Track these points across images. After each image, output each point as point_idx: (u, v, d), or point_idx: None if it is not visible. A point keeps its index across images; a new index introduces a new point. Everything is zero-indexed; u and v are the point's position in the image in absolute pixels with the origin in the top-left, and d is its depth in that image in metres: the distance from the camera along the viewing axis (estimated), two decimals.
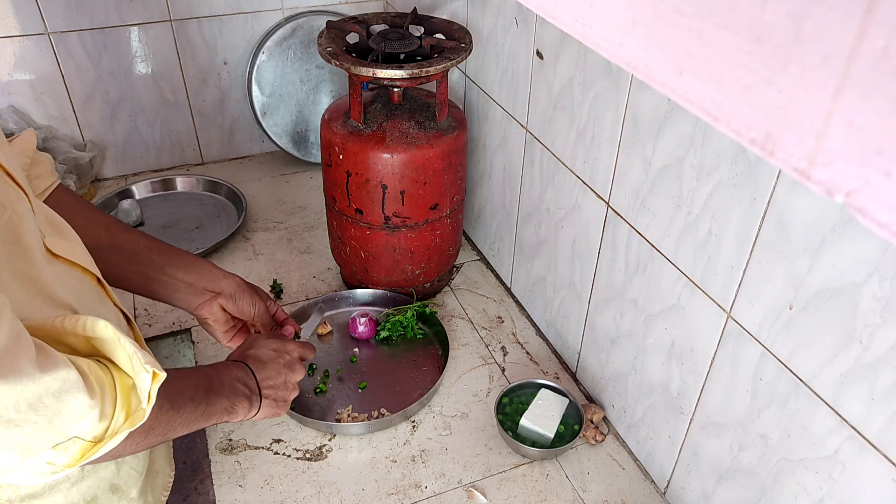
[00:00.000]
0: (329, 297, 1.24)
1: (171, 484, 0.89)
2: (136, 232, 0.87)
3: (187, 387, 0.71)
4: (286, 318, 0.99)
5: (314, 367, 1.13)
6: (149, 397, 0.59)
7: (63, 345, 0.57)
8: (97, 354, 0.59)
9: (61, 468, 0.55)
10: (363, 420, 1.04)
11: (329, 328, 1.21)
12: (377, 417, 1.04)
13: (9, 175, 0.60)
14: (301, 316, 1.18)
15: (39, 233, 0.62)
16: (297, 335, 1.00)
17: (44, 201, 0.79)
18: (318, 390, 1.09)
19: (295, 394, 0.88)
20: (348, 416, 1.04)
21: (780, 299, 0.68)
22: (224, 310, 0.90)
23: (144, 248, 0.85)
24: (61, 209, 0.78)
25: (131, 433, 0.60)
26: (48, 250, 0.64)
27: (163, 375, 0.59)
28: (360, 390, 1.10)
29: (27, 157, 0.79)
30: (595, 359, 1.07)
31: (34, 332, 0.53)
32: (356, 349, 1.17)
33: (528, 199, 1.17)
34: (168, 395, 0.66)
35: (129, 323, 0.81)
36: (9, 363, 0.48)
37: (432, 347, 1.18)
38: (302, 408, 1.06)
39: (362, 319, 1.18)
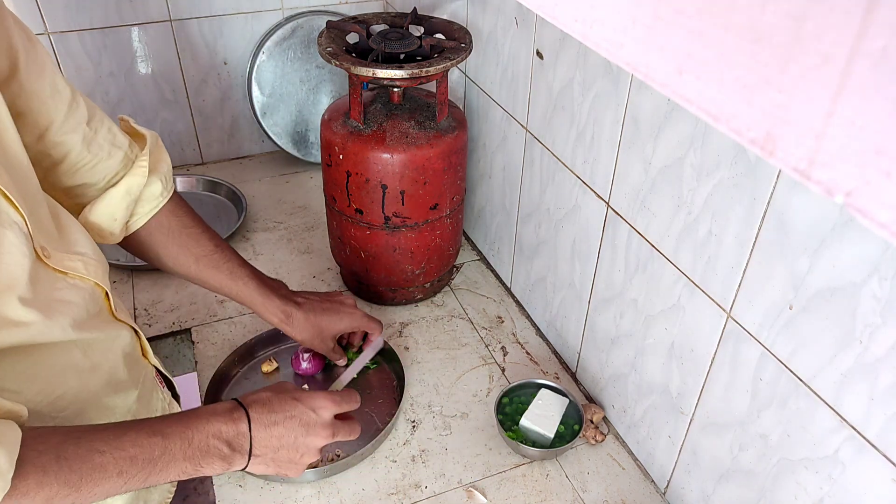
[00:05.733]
0: (273, 332, 1.13)
1: (169, 500, 0.87)
2: (222, 268, 0.91)
3: (117, 460, 0.61)
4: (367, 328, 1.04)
5: None
6: None
7: None
8: None
9: None
10: (317, 465, 0.94)
11: (275, 364, 1.11)
12: (332, 461, 0.96)
13: (5, 196, 0.60)
14: (247, 353, 1.12)
15: (31, 258, 0.61)
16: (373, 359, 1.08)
17: (144, 224, 0.85)
18: None
19: (313, 458, 0.76)
20: None
21: (780, 299, 0.68)
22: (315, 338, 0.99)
23: (225, 287, 0.92)
24: (158, 235, 0.86)
25: None
26: (53, 268, 0.65)
27: None
28: None
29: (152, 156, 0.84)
30: (595, 359, 1.07)
31: None
32: (304, 387, 1.06)
33: (528, 199, 1.17)
34: (71, 480, 0.57)
35: (136, 334, 0.81)
36: None
37: (386, 376, 1.12)
38: None
39: (305, 355, 1.08)
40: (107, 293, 0.74)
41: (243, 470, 0.71)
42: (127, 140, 0.82)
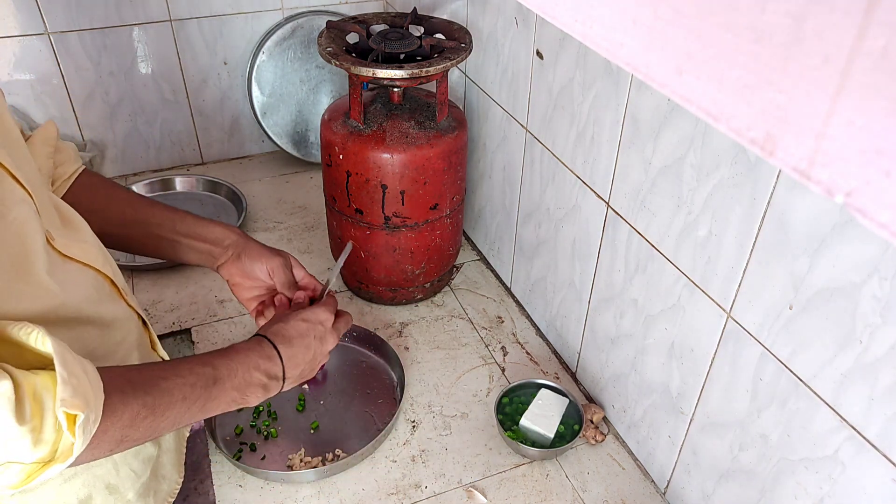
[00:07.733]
0: None
1: (177, 491, 0.87)
2: (159, 205, 0.89)
3: (180, 386, 0.65)
4: (306, 279, 0.94)
5: (260, 409, 1.05)
6: (73, 436, 0.53)
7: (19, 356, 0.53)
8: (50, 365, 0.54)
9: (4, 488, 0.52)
10: (317, 465, 0.97)
11: None
12: (332, 460, 0.97)
13: (12, 176, 0.60)
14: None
15: (43, 235, 0.62)
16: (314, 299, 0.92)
17: (69, 187, 0.82)
18: (266, 435, 1.02)
19: (325, 360, 0.85)
20: (301, 461, 0.97)
21: (780, 299, 0.68)
22: (244, 273, 0.90)
23: (167, 220, 0.88)
24: (85, 192, 0.82)
25: (98, 440, 0.56)
26: (59, 252, 0.65)
27: (82, 416, 0.52)
28: (311, 431, 1.03)
29: (50, 146, 0.80)
30: (595, 359, 1.07)
31: None
32: (305, 385, 1.10)
33: (528, 199, 1.17)
34: (147, 401, 0.61)
35: (144, 324, 0.82)
36: None
37: (386, 376, 1.13)
38: (248, 457, 0.99)
39: None
40: (112, 281, 0.74)
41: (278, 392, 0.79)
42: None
